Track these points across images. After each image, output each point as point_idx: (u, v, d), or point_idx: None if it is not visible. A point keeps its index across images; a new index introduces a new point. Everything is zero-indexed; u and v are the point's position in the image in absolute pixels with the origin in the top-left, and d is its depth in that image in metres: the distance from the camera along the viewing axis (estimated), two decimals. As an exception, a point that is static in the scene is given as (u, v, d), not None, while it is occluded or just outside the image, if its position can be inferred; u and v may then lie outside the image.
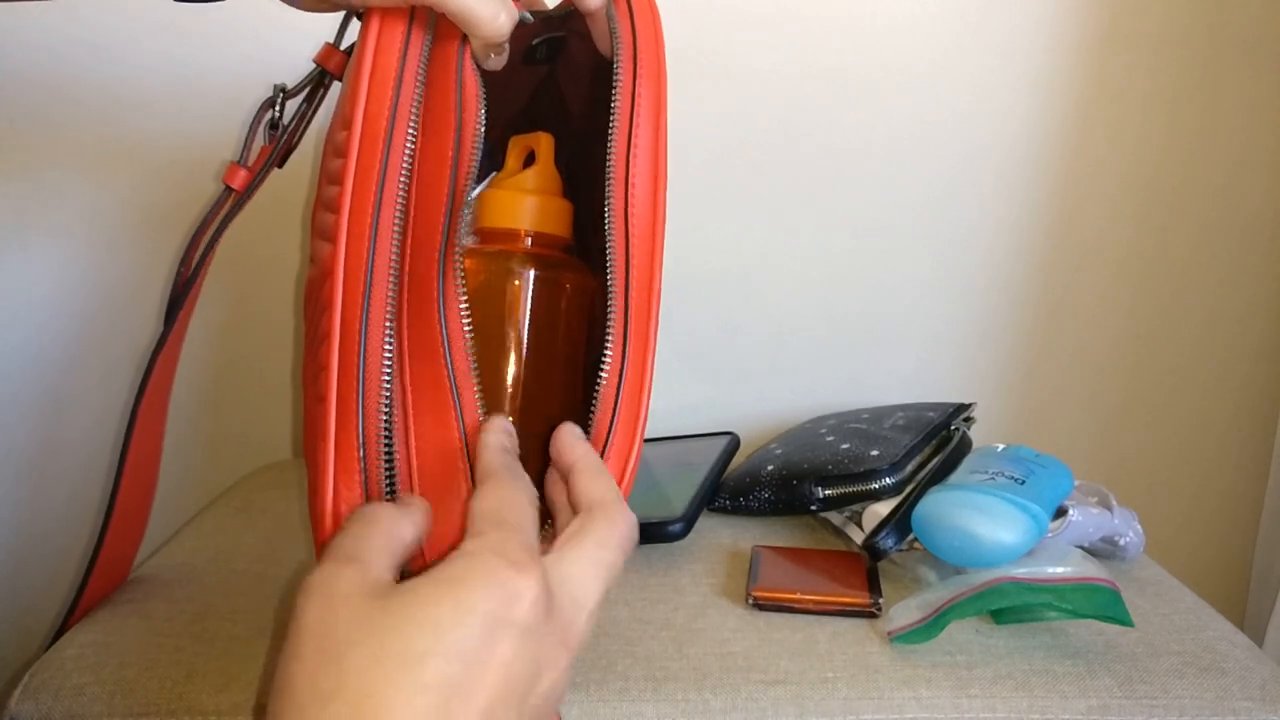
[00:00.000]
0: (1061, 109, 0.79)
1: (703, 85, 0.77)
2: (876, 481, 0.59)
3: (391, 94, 0.40)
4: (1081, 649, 0.49)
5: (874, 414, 0.71)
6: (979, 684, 0.46)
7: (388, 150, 0.40)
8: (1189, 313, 0.84)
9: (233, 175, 0.51)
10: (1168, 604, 0.54)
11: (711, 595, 0.54)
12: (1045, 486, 0.53)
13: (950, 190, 0.80)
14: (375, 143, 0.40)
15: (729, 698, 0.45)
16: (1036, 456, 0.57)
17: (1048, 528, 0.52)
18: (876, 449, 0.61)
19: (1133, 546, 0.59)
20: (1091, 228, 0.81)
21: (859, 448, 0.63)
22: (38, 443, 0.79)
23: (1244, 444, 0.86)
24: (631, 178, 0.43)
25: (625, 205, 0.43)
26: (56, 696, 0.45)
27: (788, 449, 0.68)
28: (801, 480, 0.61)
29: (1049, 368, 0.84)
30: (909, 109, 0.78)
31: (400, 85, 0.41)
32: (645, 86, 0.44)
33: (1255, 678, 0.47)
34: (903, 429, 0.65)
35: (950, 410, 0.67)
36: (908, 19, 0.77)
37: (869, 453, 0.61)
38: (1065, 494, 0.55)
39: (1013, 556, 0.50)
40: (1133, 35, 0.78)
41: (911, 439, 0.62)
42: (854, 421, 0.70)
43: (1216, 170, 0.81)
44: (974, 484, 0.54)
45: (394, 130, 0.40)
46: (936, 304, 0.82)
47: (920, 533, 0.54)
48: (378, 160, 0.40)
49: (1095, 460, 0.86)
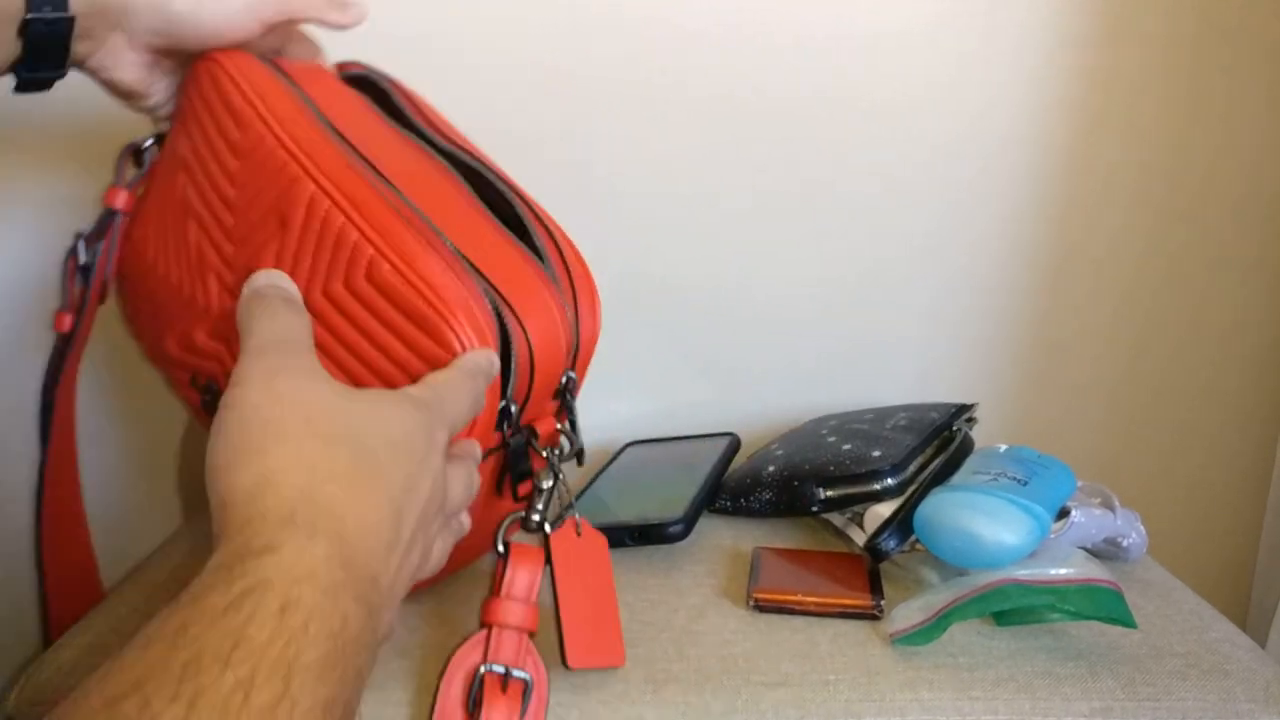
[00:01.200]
0: (1061, 110, 0.78)
1: (703, 86, 0.76)
2: (878, 482, 0.58)
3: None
4: (1084, 651, 0.49)
5: (876, 414, 0.71)
6: (981, 686, 0.46)
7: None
8: (1190, 313, 0.83)
9: (60, 322, 0.55)
10: (1170, 605, 0.54)
11: (712, 597, 0.54)
12: (1048, 488, 0.53)
13: (950, 191, 0.80)
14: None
15: (730, 700, 0.45)
16: (1039, 457, 0.57)
17: (1050, 529, 0.52)
18: (878, 450, 0.61)
19: (1135, 547, 0.59)
20: (1092, 229, 0.81)
21: (860, 448, 0.62)
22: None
23: (1246, 444, 0.86)
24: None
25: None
26: (52, 700, 0.45)
27: (789, 450, 0.68)
28: (803, 481, 0.61)
29: (1049, 368, 0.84)
30: (910, 108, 0.78)
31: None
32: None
33: (1259, 679, 0.47)
34: (905, 429, 0.64)
35: (952, 410, 0.67)
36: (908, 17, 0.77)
37: (870, 453, 0.61)
38: (1068, 495, 0.55)
39: (1016, 557, 0.50)
40: (1133, 36, 0.77)
41: (913, 440, 0.62)
42: (856, 422, 0.70)
43: (1217, 171, 0.80)
44: (977, 485, 0.54)
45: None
46: (937, 304, 0.82)
47: (922, 534, 0.54)
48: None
49: (1096, 460, 0.86)
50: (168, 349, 0.54)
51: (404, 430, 0.37)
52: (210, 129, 0.50)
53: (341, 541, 0.32)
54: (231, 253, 0.49)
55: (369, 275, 0.45)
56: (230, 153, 0.49)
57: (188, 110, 0.52)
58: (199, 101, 0.51)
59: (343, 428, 0.35)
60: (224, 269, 0.49)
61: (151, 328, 0.56)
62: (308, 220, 0.46)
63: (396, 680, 0.46)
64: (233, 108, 0.49)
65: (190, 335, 0.51)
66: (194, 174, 0.51)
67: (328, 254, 0.46)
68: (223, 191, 0.49)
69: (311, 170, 0.47)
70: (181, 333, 0.52)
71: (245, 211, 0.48)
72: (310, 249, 0.46)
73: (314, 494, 0.32)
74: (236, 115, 0.49)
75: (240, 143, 0.49)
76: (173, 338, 0.53)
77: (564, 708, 0.45)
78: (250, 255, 0.48)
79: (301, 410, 0.35)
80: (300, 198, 0.46)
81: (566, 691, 0.45)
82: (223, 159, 0.49)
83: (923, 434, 0.63)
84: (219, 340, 0.50)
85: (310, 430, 0.35)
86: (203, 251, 0.50)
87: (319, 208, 0.46)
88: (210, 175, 0.50)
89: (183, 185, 0.52)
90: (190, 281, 0.51)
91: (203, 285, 0.50)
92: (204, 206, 0.50)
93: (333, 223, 0.46)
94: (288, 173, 0.47)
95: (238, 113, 0.49)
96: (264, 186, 0.48)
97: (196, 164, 0.51)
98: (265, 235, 0.47)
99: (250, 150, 0.48)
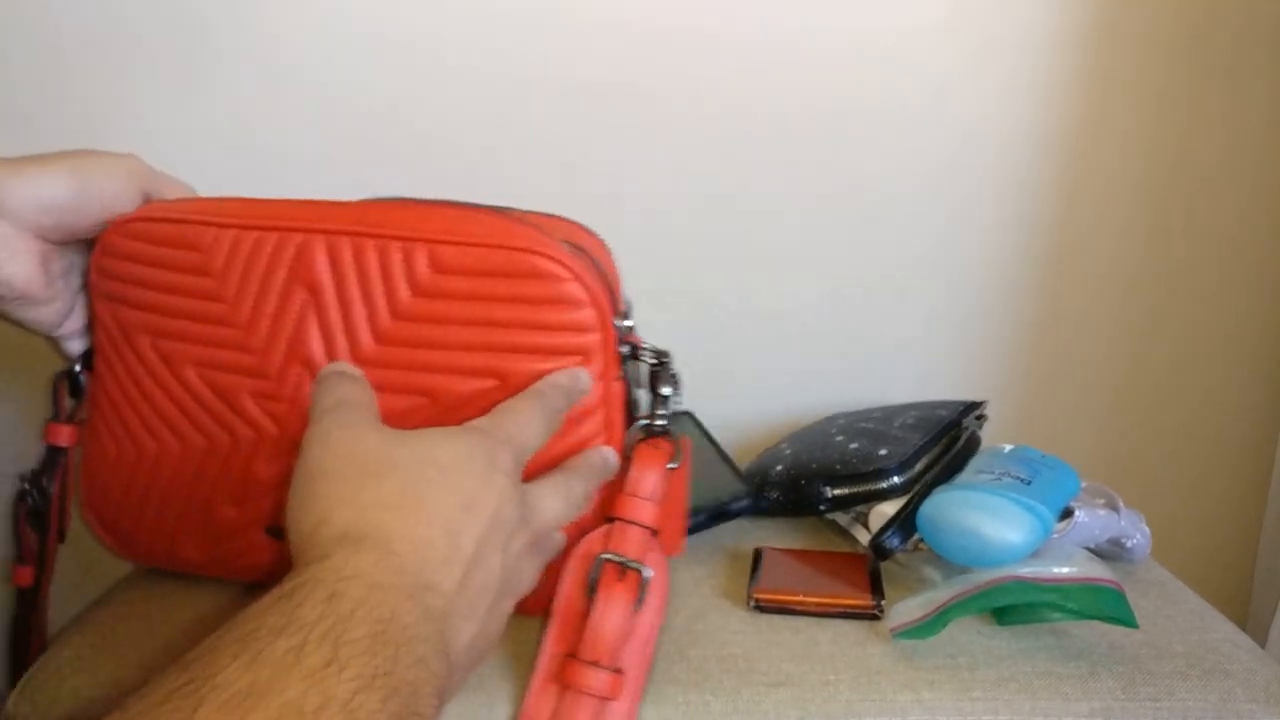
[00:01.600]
0: (1063, 109, 0.78)
1: (702, 87, 0.76)
2: (884, 481, 0.58)
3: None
4: (1085, 651, 0.49)
5: (885, 412, 0.71)
6: (982, 686, 0.46)
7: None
8: (1190, 313, 0.83)
9: (19, 575, 0.51)
10: (1171, 605, 0.54)
11: (713, 597, 0.54)
12: (1051, 487, 0.53)
13: (951, 192, 0.80)
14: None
15: (730, 700, 0.45)
16: (1043, 458, 0.57)
17: (1054, 528, 0.52)
18: (885, 448, 0.61)
19: (1139, 549, 0.58)
20: (1093, 228, 0.81)
21: (867, 447, 0.62)
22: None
23: (1246, 444, 0.86)
24: None
25: None
26: (54, 699, 0.45)
27: (796, 449, 0.68)
28: (810, 480, 0.61)
29: (1049, 369, 0.84)
30: (914, 114, 0.78)
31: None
32: None
33: (1259, 679, 0.47)
34: (913, 428, 0.64)
35: (961, 408, 0.67)
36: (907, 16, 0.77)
37: (877, 452, 0.61)
38: (1071, 495, 0.55)
39: (1019, 556, 0.50)
40: (1133, 36, 0.77)
41: (921, 438, 0.62)
42: (864, 420, 0.70)
43: (1218, 170, 0.80)
44: (981, 484, 0.54)
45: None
46: (943, 308, 0.82)
47: (925, 533, 0.54)
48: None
49: (1096, 460, 0.86)
50: (222, 520, 0.49)
51: (455, 456, 0.39)
52: (159, 275, 0.47)
53: (389, 553, 0.35)
54: (255, 361, 0.47)
55: (433, 264, 0.44)
56: (195, 276, 0.47)
57: (114, 281, 0.49)
58: (126, 264, 0.48)
59: (389, 463, 0.38)
60: (253, 379, 0.47)
61: (170, 527, 0.51)
62: (336, 267, 0.45)
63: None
64: (174, 239, 0.47)
65: (252, 476, 0.48)
66: (163, 325, 0.48)
67: (378, 281, 0.45)
68: (209, 316, 0.47)
69: (306, 226, 0.46)
70: (235, 485, 0.48)
71: (252, 315, 0.46)
72: (356, 290, 0.45)
73: (362, 520, 0.36)
74: (181, 241, 0.47)
75: (201, 262, 0.46)
76: (224, 502, 0.49)
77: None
78: (287, 344, 0.46)
79: (355, 456, 0.38)
80: (316, 254, 0.45)
81: (567, 691, 0.45)
82: (189, 288, 0.47)
83: (930, 432, 0.63)
84: (287, 456, 0.45)
85: (361, 471, 0.37)
86: (218, 384, 0.47)
87: (342, 251, 0.45)
88: (184, 312, 0.47)
89: (149, 347, 0.48)
90: (216, 427, 0.48)
91: (238, 416, 0.48)
92: (194, 344, 0.47)
93: (365, 251, 0.45)
94: (289, 243, 0.46)
95: (181, 239, 0.47)
96: (264, 276, 0.46)
97: (160, 314, 0.48)
98: (296, 315, 0.46)
99: (219, 260, 0.46)
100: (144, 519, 0.51)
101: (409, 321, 0.45)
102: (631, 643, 0.45)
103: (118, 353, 0.49)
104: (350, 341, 0.46)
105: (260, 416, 0.47)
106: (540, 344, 0.45)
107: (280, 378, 0.46)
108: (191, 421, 0.49)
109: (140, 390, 0.49)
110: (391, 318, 0.45)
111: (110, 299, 0.49)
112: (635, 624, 0.45)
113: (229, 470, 0.48)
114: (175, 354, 0.48)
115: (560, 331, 0.45)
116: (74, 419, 0.52)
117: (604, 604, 0.44)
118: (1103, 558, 0.57)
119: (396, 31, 0.74)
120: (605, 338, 0.46)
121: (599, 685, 0.43)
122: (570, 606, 0.45)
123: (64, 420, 0.52)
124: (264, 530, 0.49)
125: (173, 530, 0.51)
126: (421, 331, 0.45)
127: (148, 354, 0.48)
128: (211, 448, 0.48)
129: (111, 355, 0.50)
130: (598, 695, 0.43)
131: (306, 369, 0.46)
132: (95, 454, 0.51)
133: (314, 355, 0.46)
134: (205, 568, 0.51)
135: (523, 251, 0.44)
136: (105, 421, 0.51)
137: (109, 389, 0.50)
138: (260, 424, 0.47)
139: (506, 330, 0.45)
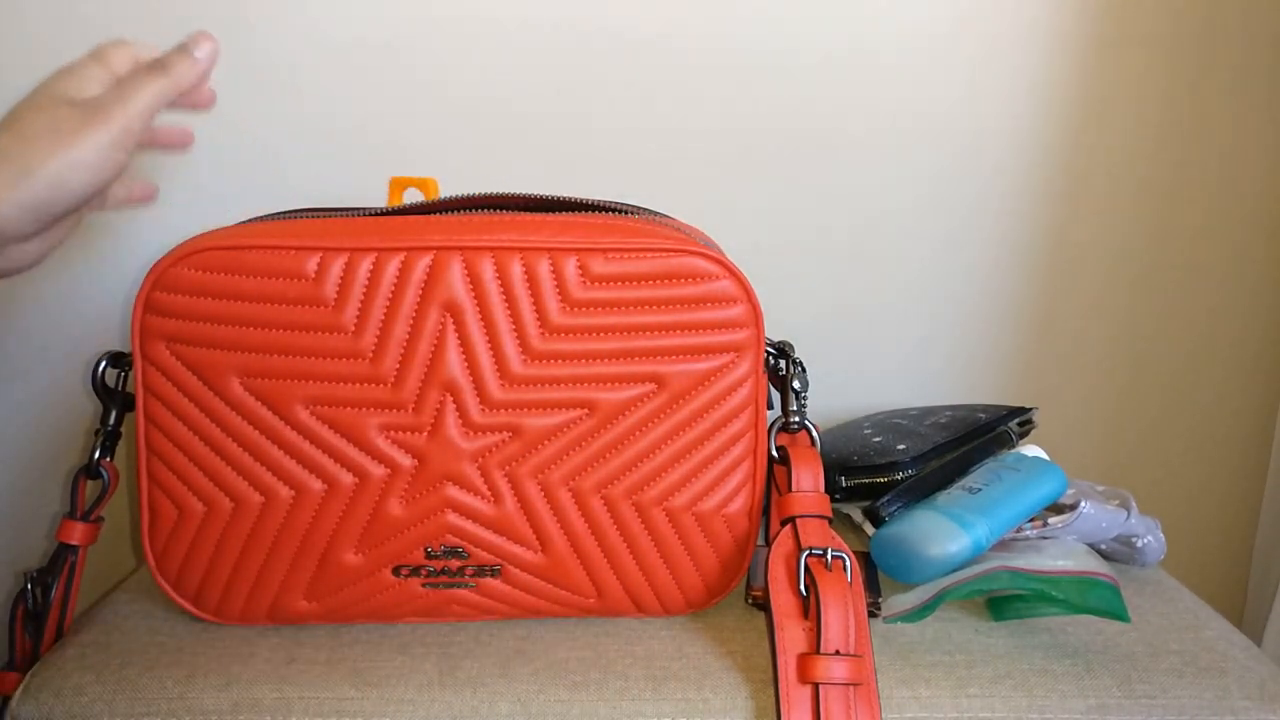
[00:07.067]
0: (1063, 107, 0.79)
1: (701, 86, 0.77)
2: (898, 473, 0.59)
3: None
4: (1081, 648, 0.49)
5: (921, 411, 0.71)
6: (978, 683, 0.46)
7: None
8: (1189, 313, 0.84)
9: (5, 682, 0.47)
10: (1167, 603, 0.54)
11: (711, 595, 0.54)
12: (1010, 493, 0.53)
13: (950, 192, 0.80)
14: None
15: (729, 697, 0.45)
16: (1024, 461, 0.57)
17: (988, 538, 0.51)
18: (905, 443, 0.61)
19: (1151, 551, 0.58)
20: (1092, 228, 0.81)
21: (889, 441, 0.62)
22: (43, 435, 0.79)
23: (1243, 444, 0.86)
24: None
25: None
26: (57, 696, 0.45)
27: (825, 440, 0.68)
28: (827, 470, 0.61)
29: (1048, 369, 0.84)
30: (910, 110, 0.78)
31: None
32: None
33: (1254, 677, 0.47)
34: (943, 427, 0.64)
35: (1004, 413, 0.66)
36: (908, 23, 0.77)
37: (896, 446, 0.61)
38: (1047, 498, 0.54)
39: (942, 569, 0.50)
40: (1133, 35, 0.77)
41: (945, 436, 0.62)
42: (899, 418, 0.70)
43: (1217, 170, 0.81)
44: (934, 499, 0.55)
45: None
46: (936, 305, 0.82)
47: (875, 556, 0.54)
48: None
49: (1095, 460, 0.86)
50: (345, 568, 0.46)
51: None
52: (248, 309, 0.43)
53: None
54: (387, 392, 0.44)
55: (583, 274, 0.43)
56: (301, 306, 0.43)
57: (179, 321, 0.44)
58: (199, 300, 0.43)
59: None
60: (384, 412, 0.44)
61: (275, 583, 0.47)
62: (477, 284, 0.43)
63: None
64: (263, 267, 0.43)
65: (382, 516, 0.45)
66: (259, 364, 0.44)
67: (524, 295, 0.43)
68: (322, 348, 0.44)
69: (437, 243, 0.43)
70: (362, 529, 0.46)
71: (379, 342, 0.43)
72: (501, 307, 0.43)
73: None
74: (277, 270, 0.43)
75: (309, 290, 0.43)
76: (348, 548, 0.46)
77: (563, 704, 0.45)
78: (425, 370, 0.44)
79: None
80: (452, 272, 0.43)
81: (565, 689, 0.46)
82: (292, 321, 0.43)
83: (958, 432, 0.62)
84: (432, 485, 0.44)
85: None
86: (338, 421, 0.44)
87: (482, 267, 0.43)
88: (289, 347, 0.44)
89: (241, 389, 0.44)
90: (337, 467, 0.45)
91: (365, 454, 0.45)
92: (305, 380, 0.44)
93: (509, 265, 0.43)
94: (417, 263, 0.43)
95: (274, 267, 0.43)
96: (391, 299, 0.43)
97: (255, 352, 0.44)
98: (433, 338, 0.43)
99: (329, 288, 0.43)
100: (242, 578, 0.47)
101: (561, 334, 0.44)
102: (857, 624, 0.45)
103: (194, 399, 0.45)
104: (497, 360, 0.44)
105: (392, 451, 0.45)
106: (696, 344, 0.44)
107: (418, 408, 0.44)
108: (306, 465, 0.45)
109: (234, 437, 0.45)
110: (541, 331, 0.44)
111: (173, 341, 0.45)
112: (854, 606, 0.46)
113: (354, 513, 0.45)
114: (279, 393, 0.44)
115: (716, 330, 0.45)
116: (90, 517, 0.50)
117: (825, 595, 0.45)
118: (1113, 558, 0.57)
119: (379, 37, 0.74)
120: (758, 333, 0.46)
121: (846, 672, 0.43)
122: (789, 608, 0.46)
123: (79, 517, 0.49)
124: (390, 571, 0.46)
125: (279, 586, 0.47)
126: (574, 343, 0.44)
127: (240, 397, 0.45)
128: (333, 491, 0.45)
129: (180, 404, 0.45)
130: (848, 682, 0.44)
131: (450, 394, 0.44)
132: (165, 518, 0.47)
133: (456, 379, 0.44)
134: (319, 618, 0.48)
135: (676, 253, 0.43)
136: (176, 481, 0.46)
137: (182, 443, 0.46)
138: (393, 459, 0.45)
139: (663, 334, 0.44)
